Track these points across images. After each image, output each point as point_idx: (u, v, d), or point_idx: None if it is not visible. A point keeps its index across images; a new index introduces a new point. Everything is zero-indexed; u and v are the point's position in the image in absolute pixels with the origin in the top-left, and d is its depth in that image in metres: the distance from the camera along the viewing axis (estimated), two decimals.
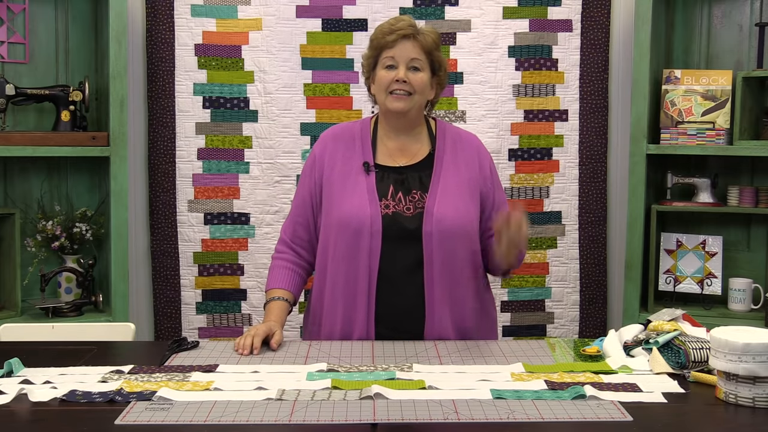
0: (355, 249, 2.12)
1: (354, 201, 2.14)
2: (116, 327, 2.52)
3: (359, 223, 2.11)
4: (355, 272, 2.12)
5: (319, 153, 2.25)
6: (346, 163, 2.20)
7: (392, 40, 2.15)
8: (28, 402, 1.61)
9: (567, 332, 3.41)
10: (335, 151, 2.23)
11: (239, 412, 1.54)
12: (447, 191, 2.17)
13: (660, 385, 1.71)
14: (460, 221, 2.15)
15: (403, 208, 2.15)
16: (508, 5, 3.33)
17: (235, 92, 3.31)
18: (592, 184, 3.40)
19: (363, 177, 2.18)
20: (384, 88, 2.16)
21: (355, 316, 2.13)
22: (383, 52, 2.17)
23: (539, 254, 3.39)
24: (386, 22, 2.21)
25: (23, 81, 3.12)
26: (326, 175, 2.21)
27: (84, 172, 3.26)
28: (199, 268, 3.33)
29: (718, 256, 3.20)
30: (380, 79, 2.17)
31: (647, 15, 3.08)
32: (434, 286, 2.12)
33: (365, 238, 2.11)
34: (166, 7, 3.26)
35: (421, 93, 2.17)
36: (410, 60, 2.15)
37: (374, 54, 2.20)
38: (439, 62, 2.21)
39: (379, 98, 2.21)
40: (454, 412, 1.53)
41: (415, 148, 2.23)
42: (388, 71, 2.16)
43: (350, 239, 2.12)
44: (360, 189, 2.16)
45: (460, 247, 2.15)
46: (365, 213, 2.12)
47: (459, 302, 2.16)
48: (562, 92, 3.38)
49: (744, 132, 3.12)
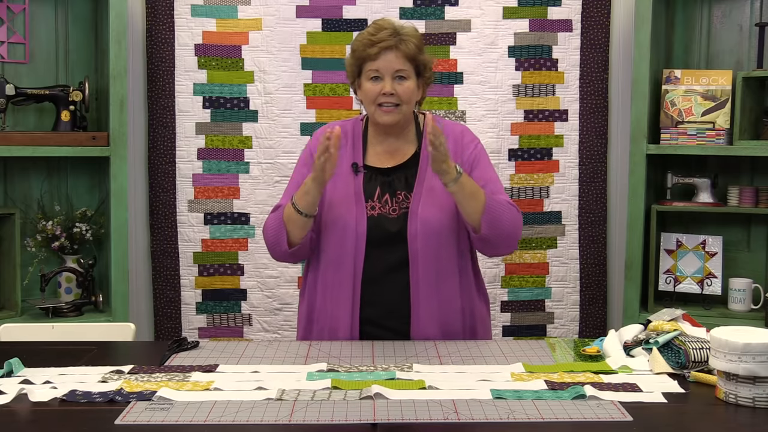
0: (340, 250, 2.14)
1: (341, 202, 2.15)
2: (116, 327, 2.52)
3: (344, 225, 2.13)
4: (341, 273, 2.14)
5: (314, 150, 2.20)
6: (338, 163, 2.18)
7: (375, 53, 2.12)
8: (28, 402, 1.61)
9: (567, 332, 3.41)
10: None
11: (239, 412, 1.54)
12: (432, 191, 2.15)
13: (660, 385, 1.71)
14: (446, 221, 2.14)
15: (389, 210, 2.15)
16: (508, 5, 3.33)
17: (235, 92, 3.31)
18: (592, 184, 3.40)
19: (351, 178, 2.18)
20: (371, 100, 2.15)
21: (340, 315, 2.15)
22: (366, 64, 2.15)
23: (539, 254, 3.39)
24: (366, 31, 2.18)
25: (23, 81, 3.12)
26: None
27: (84, 172, 3.26)
28: (199, 268, 3.33)
29: (718, 256, 3.20)
30: (366, 91, 2.16)
31: (647, 15, 3.08)
32: (419, 287, 2.12)
33: (350, 239, 2.12)
34: (166, 7, 3.26)
35: (408, 102, 2.16)
36: (395, 71, 2.13)
37: (357, 64, 2.18)
38: (423, 64, 2.18)
39: (367, 109, 2.20)
40: (454, 412, 1.53)
41: (403, 150, 2.23)
42: (374, 83, 2.14)
43: (336, 240, 2.14)
44: (347, 190, 2.17)
45: (445, 246, 2.15)
46: (350, 215, 2.13)
47: (444, 302, 2.15)
48: (562, 92, 3.38)
49: (744, 132, 3.12)
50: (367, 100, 2.17)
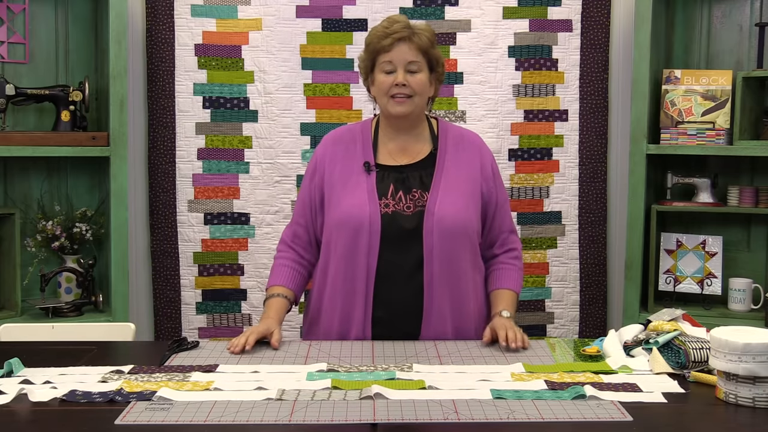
0: (353, 248, 2.13)
1: (354, 200, 2.15)
2: (116, 327, 2.52)
3: (358, 222, 2.12)
4: (354, 271, 2.13)
5: (320, 156, 2.26)
6: (347, 165, 2.21)
7: (388, 44, 2.15)
8: (28, 402, 1.61)
9: (567, 332, 3.41)
10: (336, 154, 2.24)
11: (239, 412, 1.54)
12: (448, 190, 2.17)
13: (660, 385, 1.71)
14: (461, 220, 2.15)
15: (403, 207, 2.15)
16: (508, 5, 3.33)
17: (235, 92, 3.31)
18: (592, 184, 3.40)
19: (363, 177, 2.18)
20: (384, 92, 2.18)
21: (353, 315, 2.14)
22: (380, 56, 2.18)
23: (539, 254, 3.39)
24: (380, 24, 2.21)
25: (23, 81, 3.12)
26: (327, 177, 2.22)
27: (84, 172, 3.26)
28: (199, 268, 3.33)
29: (718, 256, 3.20)
30: (380, 83, 2.18)
31: (647, 15, 3.08)
32: (434, 286, 2.12)
33: (364, 236, 2.12)
34: (166, 7, 3.26)
35: (421, 94, 2.18)
36: (408, 63, 2.16)
37: (371, 57, 2.21)
38: (436, 59, 2.22)
39: (380, 102, 2.22)
40: (454, 412, 1.53)
41: (416, 148, 2.24)
42: (387, 75, 2.17)
43: (349, 238, 2.13)
44: (360, 188, 2.16)
45: (461, 245, 2.15)
46: (364, 212, 2.12)
47: (459, 302, 2.16)
48: (562, 92, 3.38)
49: (744, 132, 3.12)
50: (380, 93, 2.19)
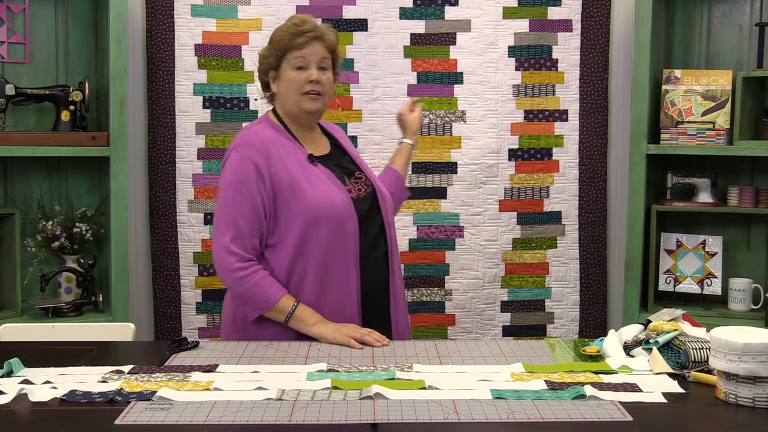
0: (339, 236, 2.16)
1: (323, 192, 2.17)
2: (116, 327, 2.52)
3: (341, 211, 2.16)
4: (344, 258, 2.17)
5: (257, 163, 2.14)
6: (290, 162, 2.18)
7: (303, 41, 2.19)
8: (28, 402, 1.61)
9: (567, 332, 3.41)
10: (270, 156, 2.16)
11: (239, 412, 1.54)
12: (370, 170, 2.37)
13: (660, 385, 1.71)
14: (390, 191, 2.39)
15: (357, 190, 2.25)
16: (508, 5, 3.33)
17: (235, 92, 3.31)
18: (592, 184, 3.40)
19: (314, 170, 2.21)
20: (297, 89, 2.20)
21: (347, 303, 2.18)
22: (290, 53, 2.20)
23: (539, 254, 3.39)
24: (289, 22, 2.25)
25: (23, 81, 3.12)
26: (275, 180, 2.15)
27: (84, 172, 3.26)
28: (199, 268, 3.33)
29: (718, 256, 3.20)
30: (291, 80, 2.20)
31: (647, 15, 3.08)
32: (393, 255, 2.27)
33: (349, 223, 2.17)
34: (166, 7, 3.26)
35: (327, 93, 2.26)
36: (320, 60, 2.21)
37: (278, 54, 2.22)
38: (338, 58, 2.31)
39: (289, 99, 2.22)
40: (454, 412, 1.53)
41: (322, 141, 2.33)
42: (299, 72, 2.20)
43: (333, 227, 2.15)
44: (321, 180, 2.19)
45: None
46: (341, 200, 2.17)
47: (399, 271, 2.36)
48: (562, 92, 3.38)
49: (744, 132, 3.12)
50: (290, 90, 2.22)
